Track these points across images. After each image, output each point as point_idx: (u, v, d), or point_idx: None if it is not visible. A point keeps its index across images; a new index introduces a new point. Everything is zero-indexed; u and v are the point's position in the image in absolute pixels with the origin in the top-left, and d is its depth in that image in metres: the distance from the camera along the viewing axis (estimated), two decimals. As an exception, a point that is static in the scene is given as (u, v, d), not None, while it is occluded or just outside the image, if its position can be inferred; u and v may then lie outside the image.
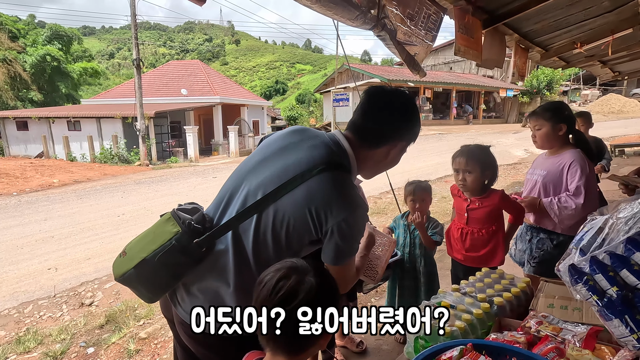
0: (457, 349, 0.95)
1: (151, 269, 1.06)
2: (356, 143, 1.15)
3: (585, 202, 1.95)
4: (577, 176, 1.98)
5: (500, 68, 3.41)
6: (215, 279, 1.10)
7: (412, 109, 1.19)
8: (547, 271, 2.06)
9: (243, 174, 1.16)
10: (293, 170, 1.07)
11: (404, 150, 1.22)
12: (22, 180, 10.68)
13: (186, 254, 1.06)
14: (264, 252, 1.09)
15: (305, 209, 1.04)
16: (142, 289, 1.12)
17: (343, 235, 1.04)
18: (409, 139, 1.20)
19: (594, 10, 3.01)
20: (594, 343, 1.02)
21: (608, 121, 18.74)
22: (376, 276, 2.07)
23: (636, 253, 0.85)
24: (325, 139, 1.15)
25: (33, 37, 29.41)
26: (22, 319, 3.38)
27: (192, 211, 1.14)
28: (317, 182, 1.04)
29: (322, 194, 1.04)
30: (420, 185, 2.35)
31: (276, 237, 1.07)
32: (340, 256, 1.08)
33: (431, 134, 18.41)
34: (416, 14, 2.29)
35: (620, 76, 7.68)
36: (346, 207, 1.04)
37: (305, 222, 1.05)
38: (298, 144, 1.13)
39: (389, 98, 1.16)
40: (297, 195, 1.04)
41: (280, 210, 1.05)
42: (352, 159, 1.14)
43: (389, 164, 1.24)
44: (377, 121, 1.15)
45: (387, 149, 1.17)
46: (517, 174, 8.61)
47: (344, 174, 1.10)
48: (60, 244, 5.37)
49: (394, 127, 1.16)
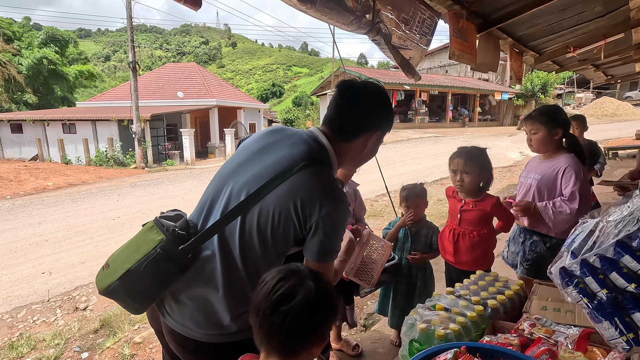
0: (451, 352, 0.96)
1: (137, 280, 1.04)
2: (333, 137, 1.17)
3: (579, 207, 1.96)
4: (571, 181, 2.00)
5: (495, 71, 3.44)
6: (204, 285, 1.09)
7: (384, 99, 1.20)
8: (540, 273, 2.06)
9: (224, 177, 1.15)
10: (274, 169, 1.07)
11: (380, 139, 1.23)
12: (16, 183, 10.59)
13: (172, 262, 1.05)
14: (251, 254, 1.09)
15: (289, 205, 1.04)
16: (128, 301, 1.10)
17: (327, 230, 1.06)
18: (384, 128, 1.21)
19: (586, 15, 3.06)
20: (586, 345, 1.03)
21: (602, 124, 18.93)
22: (371, 280, 2.08)
23: (625, 256, 0.86)
24: (304, 136, 1.16)
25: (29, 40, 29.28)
26: (16, 324, 3.35)
27: (175, 218, 1.13)
28: (300, 178, 1.05)
29: (306, 189, 1.04)
30: (413, 191, 2.35)
31: (262, 237, 1.07)
32: (323, 252, 1.09)
33: (427, 137, 18.49)
34: (411, 19, 2.31)
35: (613, 79, 7.78)
36: (329, 201, 1.05)
37: (290, 219, 1.05)
38: (277, 143, 1.14)
39: (360, 90, 1.18)
40: (280, 193, 1.04)
41: (265, 209, 1.05)
42: (331, 153, 1.16)
43: (367, 155, 1.25)
44: (350, 114, 1.16)
45: (363, 140, 1.18)
46: (513, 177, 8.66)
47: (326, 169, 1.12)
48: (54, 248, 5.32)
49: (367, 118, 1.17)
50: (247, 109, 22.62)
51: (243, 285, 1.10)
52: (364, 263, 2.09)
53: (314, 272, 0.86)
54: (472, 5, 2.55)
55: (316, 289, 0.81)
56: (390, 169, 8.94)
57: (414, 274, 2.38)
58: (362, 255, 2.08)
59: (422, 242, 2.36)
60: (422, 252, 2.34)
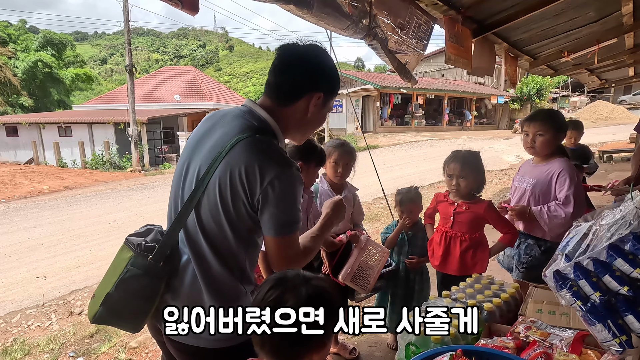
0: (448, 355, 0.97)
1: (119, 301, 1.05)
2: (272, 105, 1.13)
3: (574, 211, 1.98)
4: (566, 185, 2.01)
5: (490, 76, 3.47)
6: (189, 289, 1.10)
7: (324, 59, 1.14)
8: (536, 277, 2.06)
9: (176, 179, 1.16)
10: (212, 154, 1.05)
11: (326, 104, 1.17)
12: (11, 186, 10.51)
13: (147, 275, 1.06)
14: (220, 244, 1.08)
15: (232, 181, 1.01)
16: (120, 323, 1.13)
17: (276, 198, 1.01)
18: (326, 89, 1.14)
19: (579, 20, 3.10)
20: (581, 347, 1.04)
21: (596, 127, 19.10)
22: (367, 286, 2.08)
23: (618, 259, 0.87)
24: (236, 112, 1.13)
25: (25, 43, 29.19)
26: (9, 329, 3.31)
27: (146, 233, 1.14)
28: (239, 150, 1.02)
29: (244, 161, 1.01)
30: (407, 196, 2.36)
31: (219, 223, 1.06)
32: (277, 224, 1.04)
33: (424, 140, 18.57)
34: (407, 24, 2.33)
35: (607, 84, 7.86)
36: (273, 165, 1.01)
37: (237, 196, 1.02)
38: (211, 129, 1.12)
39: (298, 51, 1.12)
40: (220, 173, 1.02)
41: (211, 195, 1.04)
42: (270, 122, 1.11)
43: (312, 121, 1.18)
44: (288, 74, 1.11)
45: (304, 103, 1.12)
46: (509, 180, 8.71)
47: (264, 137, 1.07)
48: (49, 252, 5.28)
49: (305, 79, 1.11)
50: (244, 112, 22.59)
51: (224, 279, 1.09)
52: (361, 268, 2.09)
53: (309, 278, 0.83)
54: (468, 11, 2.57)
55: (308, 296, 0.79)
56: (387, 172, 8.96)
57: (411, 277, 2.38)
58: (359, 261, 2.08)
59: (419, 245, 2.37)
60: (419, 256, 2.34)
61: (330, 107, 1.19)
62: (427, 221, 2.34)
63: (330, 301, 0.84)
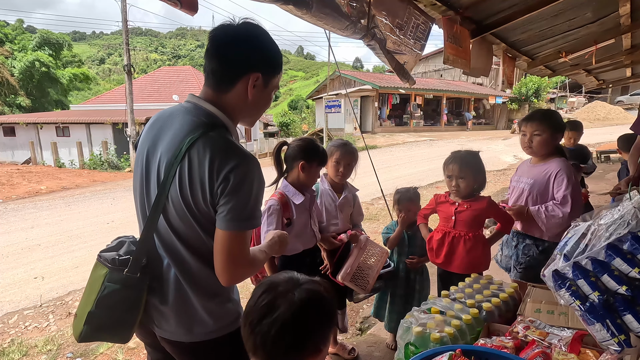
0: (447, 355, 0.97)
1: (101, 318, 1.06)
2: (213, 94, 1.09)
3: (571, 210, 1.99)
4: (563, 185, 2.02)
5: (487, 76, 3.48)
6: (175, 292, 1.10)
7: (257, 35, 1.07)
8: (534, 277, 2.08)
9: (139, 187, 1.15)
10: (168, 157, 1.03)
11: (269, 84, 1.11)
12: (8, 187, 10.47)
13: (126, 288, 1.06)
14: (193, 242, 1.07)
15: (194, 177, 1.00)
16: (108, 337, 1.14)
17: (232, 190, 0.98)
18: (264, 69, 1.07)
19: (577, 21, 3.11)
20: (579, 347, 1.04)
21: (594, 128, 19.16)
22: (367, 286, 2.08)
23: (616, 259, 0.87)
24: (182, 110, 1.10)
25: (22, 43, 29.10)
26: (7, 330, 3.30)
27: (118, 246, 1.13)
28: (194, 150, 1.00)
29: (203, 157, 0.99)
30: (406, 195, 2.37)
31: (188, 222, 1.05)
32: (232, 216, 0.99)
33: (422, 140, 18.60)
34: (405, 24, 2.33)
35: (605, 84, 7.89)
36: (230, 159, 0.98)
37: (197, 192, 1.00)
38: (161, 132, 1.09)
39: (229, 32, 1.05)
40: (180, 172, 1.01)
41: (174, 196, 1.03)
42: (218, 114, 1.07)
43: (258, 104, 1.12)
44: (220, 59, 1.05)
45: (242, 86, 1.06)
46: (507, 180, 8.73)
47: (218, 133, 1.04)
48: (47, 252, 5.26)
49: (239, 58, 1.05)
50: (242, 113, 22.60)
51: (206, 276, 1.09)
52: (360, 268, 2.10)
53: (301, 282, 0.82)
54: (466, 11, 2.58)
55: (301, 301, 0.77)
56: (385, 173, 8.97)
57: (411, 277, 2.38)
58: (358, 261, 2.08)
59: (418, 245, 2.37)
60: (419, 255, 2.35)
61: (275, 85, 1.13)
62: (421, 220, 2.32)
63: (325, 305, 0.82)
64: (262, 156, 20.97)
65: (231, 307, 1.16)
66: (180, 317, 1.11)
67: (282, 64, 1.14)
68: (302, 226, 1.95)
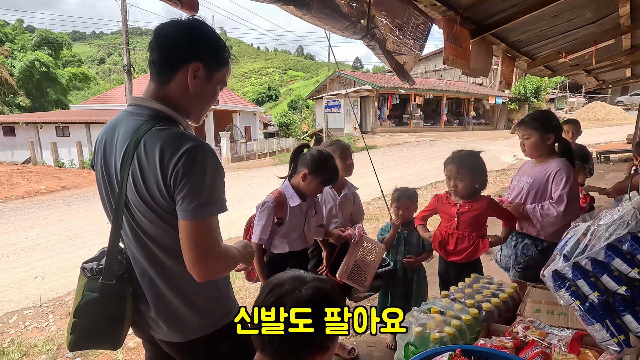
0: (446, 355, 0.97)
1: (85, 326, 1.08)
2: (156, 88, 1.08)
3: (566, 209, 2.00)
4: (561, 185, 2.04)
5: (487, 76, 3.49)
6: (155, 296, 1.11)
7: (199, 27, 1.07)
8: (532, 277, 2.11)
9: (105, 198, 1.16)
10: (119, 162, 1.03)
11: (211, 79, 1.09)
12: (8, 186, 10.47)
13: (105, 296, 1.08)
14: (165, 243, 1.06)
15: (146, 174, 0.99)
16: (97, 345, 1.16)
17: (187, 175, 0.95)
18: (204, 59, 1.06)
19: (577, 21, 3.11)
20: (579, 347, 1.04)
21: (593, 128, 19.18)
22: (364, 283, 2.08)
23: (616, 259, 0.87)
24: (124, 114, 1.09)
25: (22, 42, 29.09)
26: (7, 330, 3.29)
27: (100, 256, 1.14)
28: (141, 146, 0.99)
29: (151, 149, 0.98)
30: (405, 193, 2.38)
31: (153, 221, 1.03)
32: (191, 204, 0.96)
33: (422, 140, 18.60)
34: (405, 24, 2.33)
35: (605, 84, 7.90)
36: (178, 145, 0.96)
37: (152, 188, 0.99)
38: (110, 143, 1.09)
39: (173, 24, 1.06)
40: (133, 172, 1.00)
41: (134, 200, 1.02)
42: (161, 108, 1.06)
43: (201, 96, 1.10)
44: (160, 51, 1.06)
45: (183, 75, 1.05)
46: (507, 180, 8.73)
47: (163, 125, 1.02)
48: (47, 252, 5.26)
49: (178, 49, 1.04)
50: (242, 113, 22.62)
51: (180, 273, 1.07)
52: (357, 265, 2.10)
53: (308, 280, 0.82)
54: (466, 12, 2.58)
55: (307, 298, 0.78)
56: (385, 173, 8.97)
57: (409, 276, 2.39)
58: (355, 257, 2.08)
59: (414, 244, 2.38)
60: (416, 254, 2.35)
61: (220, 80, 1.12)
62: (419, 222, 2.32)
63: (331, 302, 0.81)
64: (262, 156, 20.98)
65: (218, 303, 1.16)
66: (167, 320, 1.12)
67: (228, 59, 1.13)
68: (293, 229, 1.93)
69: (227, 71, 1.15)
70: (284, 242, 1.93)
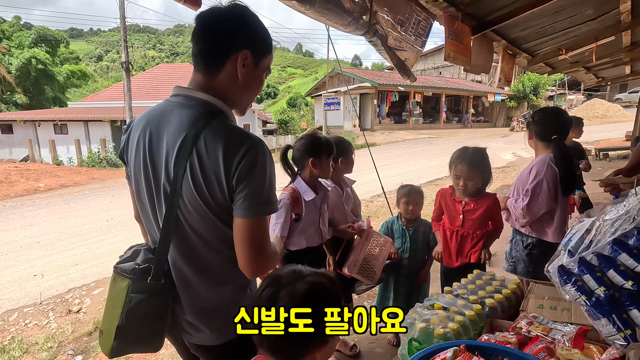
0: (451, 350, 0.96)
1: (132, 330, 1.03)
2: (204, 80, 1.05)
3: (528, 204, 2.04)
4: (530, 178, 2.09)
5: (487, 73, 3.47)
6: (192, 293, 1.08)
7: (244, 14, 1.03)
8: (521, 271, 2.22)
9: (145, 193, 1.10)
10: (172, 156, 0.99)
11: (259, 64, 1.07)
12: (6, 184, 10.43)
13: (152, 297, 1.04)
14: (211, 239, 1.04)
15: (207, 172, 0.96)
16: (140, 348, 1.11)
17: (249, 174, 0.95)
18: (252, 46, 1.03)
19: (578, 18, 3.11)
20: (583, 342, 1.04)
21: (592, 126, 19.20)
22: (374, 276, 2.08)
23: (622, 254, 0.87)
24: (174, 104, 1.05)
25: (19, 39, 28.91)
26: (7, 327, 3.29)
27: (134, 255, 1.10)
28: (203, 145, 0.96)
29: (212, 149, 0.96)
30: (414, 189, 2.40)
31: (206, 217, 1.01)
32: (251, 203, 0.96)
33: (421, 138, 18.60)
34: (406, 20, 2.33)
35: (604, 82, 7.91)
36: (241, 143, 0.96)
37: (212, 185, 0.97)
38: (157, 132, 1.04)
39: (216, 12, 1.03)
40: (192, 170, 0.97)
41: (189, 195, 0.99)
42: (213, 101, 1.04)
43: (249, 85, 1.08)
44: (207, 40, 1.03)
45: (231, 66, 1.03)
46: (506, 177, 8.75)
47: (219, 120, 1.00)
48: (46, 250, 5.25)
49: (225, 37, 1.02)
50: (241, 110, 22.55)
51: (225, 271, 1.07)
52: (366, 259, 2.10)
53: (305, 274, 0.82)
54: (467, 8, 2.58)
55: (303, 292, 0.78)
56: (384, 170, 8.96)
57: (413, 274, 2.40)
58: (364, 252, 2.09)
59: (420, 240, 2.39)
60: (421, 251, 2.36)
61: (266, 66, 1.10)
62: (437, 226, 2.29)
63: (327, 297, 0.81)
64: (261, 154, 20.94)
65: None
66: (203, 321, 1.09)
67: (272, 45, 1.10)
68: (309, 224, 1.95)
69: (272, 57, 1.12)
70: (301, 238, 1.94)
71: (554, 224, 2.10)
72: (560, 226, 2.11)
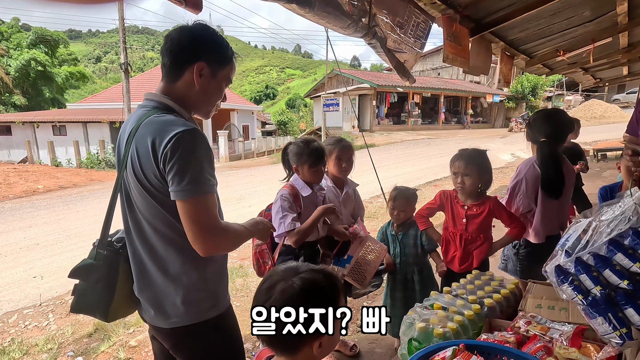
0: (450, 350, 0.98)
1: (82, 289, 1.21)
2: (165, 85, 1.19)
3: (507, 201, 2.16)
4: (512, 178, 2.18)
5: (486, 74, 3.50)
6: (143, 272, 1.20)
7: (204, 30, 1.17)
8: (511, 270, 2.30)
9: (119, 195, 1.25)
10: (124, 148, 1.16)
11: (216, 76, 1.19)
12: (5, 186, 10.41)
13: (97, 262, 1.21)
14: (159, 226, 1.14)
15: (142, 158, 1.08)
16: (90, 311, 1.25)
17: (176, 156, 1.03)
18: (208, 59, 1.16)
19: (575, 19, 3.13)
20: (580, 341, 1.06)
21: (590, 126, 19.25)
22: (364, 281, 2.10)
23: (618, 254, 0.89)
24: (136, 108, 1.21)
25: (17, 41, 28.86)
26: (7, 329, 3.29)
27: (114, 234, 1.31)
28: (140, 130, 1.10)
29: (146, 131, 1.08)
30: (403, 193, 2.33)
31: (149, 204, 1.12)
32: (185, 183, 1.03)
33: (420, 139, 18.64)
34: (405, 22, 2.34)
35: (602, 83, 7.93)
36: (168, 130, 1.05)
37: (147, 170, 1.08)
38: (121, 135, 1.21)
39: (182, 29, 1.17)
40: (132, 156, 1.11)
41: (132, 182, 1.13)
42: (166, 101, 1.17)
43: (207, 93, 1.20)
44: (170, 53, 1.16)
45: (189, 75, 1.15)
46: (505, 178, 8.77)
47: (162, 112, 1.13)
48: (45, 252, 5.25)
49: (185, 50, 1.15)
50: (240, 111, 22.57)
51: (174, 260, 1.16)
52: (359, 264, 2.11)
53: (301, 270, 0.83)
54: (465, 10, 2.59)
55: (297, 287, 0.79)
56: (383, 171, 8.99)
57: (409, 278, 2.33)
58: (357, 256, 2.10)
59: (411, 243, 2.32)
60: (413, 255, 2.31)
61: (225, 77, 1.22)
62: (427, 224, 2.24)
63: (321, 292, 0.83)
64: (260, 155, 20.95)
65: (202, 294, 1.19)
66: (150, 300, 1.19)
67: (231, 58, 1.22)
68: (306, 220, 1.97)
69: (232, 69, 1.24)
70: None
71: (533, 224, 2.13)
72: (541, 227, 2.12)
